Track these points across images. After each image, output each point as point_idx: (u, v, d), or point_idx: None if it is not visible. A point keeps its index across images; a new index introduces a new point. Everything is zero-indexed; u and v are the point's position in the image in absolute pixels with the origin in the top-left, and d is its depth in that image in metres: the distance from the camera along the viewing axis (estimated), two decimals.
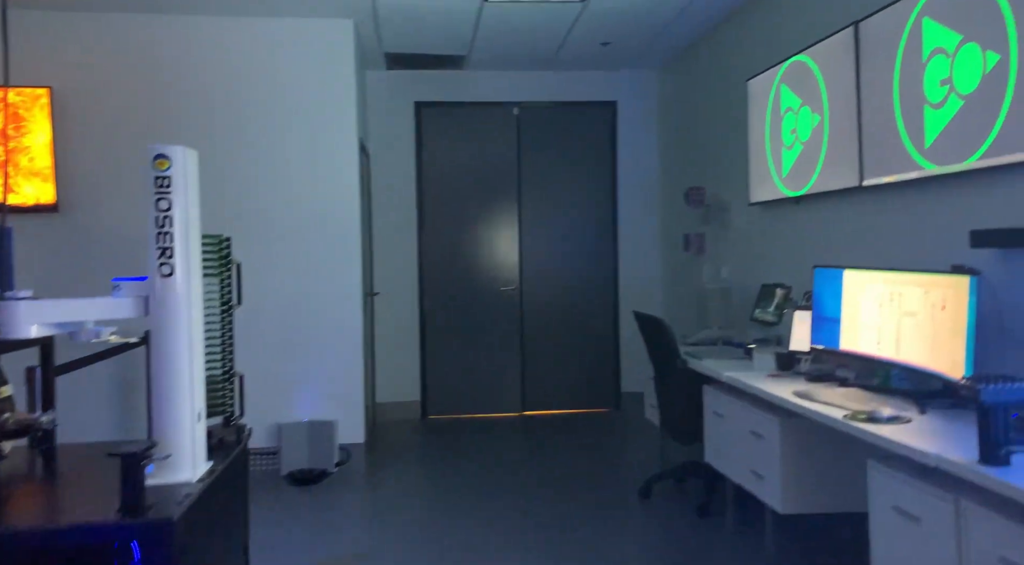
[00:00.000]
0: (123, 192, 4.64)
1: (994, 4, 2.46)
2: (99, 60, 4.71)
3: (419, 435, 5.69)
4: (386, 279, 6.09)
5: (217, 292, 3.03)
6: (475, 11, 4.67)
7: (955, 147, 2.68)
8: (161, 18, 4.74)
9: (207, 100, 4.80)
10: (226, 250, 3.08)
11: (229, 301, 3.08)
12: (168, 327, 2.31)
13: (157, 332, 2.33)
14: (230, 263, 3.11)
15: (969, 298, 2.33)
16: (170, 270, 2.27)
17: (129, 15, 4.70)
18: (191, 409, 2.33)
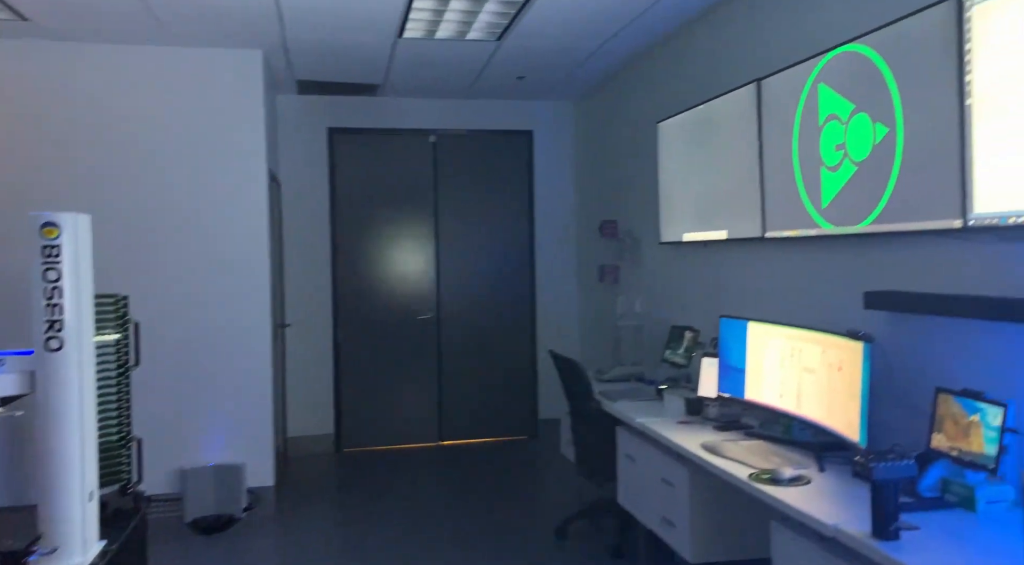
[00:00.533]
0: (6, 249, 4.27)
1: (882, 80, 2.60)
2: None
3: (332, 471, 5.56)
4: (298, 310, 5.94)
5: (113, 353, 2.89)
6: (388, 46, 4.62)
7: (850, 210, 2.81)
8: (51, 45, 4.49)
9: (106, 134, 4.58)
10: (123, 309, 2.94)
11: (126, 362, 2.94)
12: (56, 406, 2.19)
13: (44, 411, 2.21)
14: (127, 323, 2.97)
15: (863, 364, 2.44)
16: (59, 344, 2.16)
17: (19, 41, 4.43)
18: (81, 490, 2.21)
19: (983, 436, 1.97)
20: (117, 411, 2.98)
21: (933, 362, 2.52)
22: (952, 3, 2.26)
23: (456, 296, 6.30)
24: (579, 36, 4.48)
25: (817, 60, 2.94)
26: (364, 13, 3.99)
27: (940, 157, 2.34)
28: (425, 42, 4.52)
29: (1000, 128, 2.11)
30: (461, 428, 6.28)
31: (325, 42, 4.51)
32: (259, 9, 3.89)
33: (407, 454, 5.95)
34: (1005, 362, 2.24)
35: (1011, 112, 2.07)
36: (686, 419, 3.40)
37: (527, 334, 6.42)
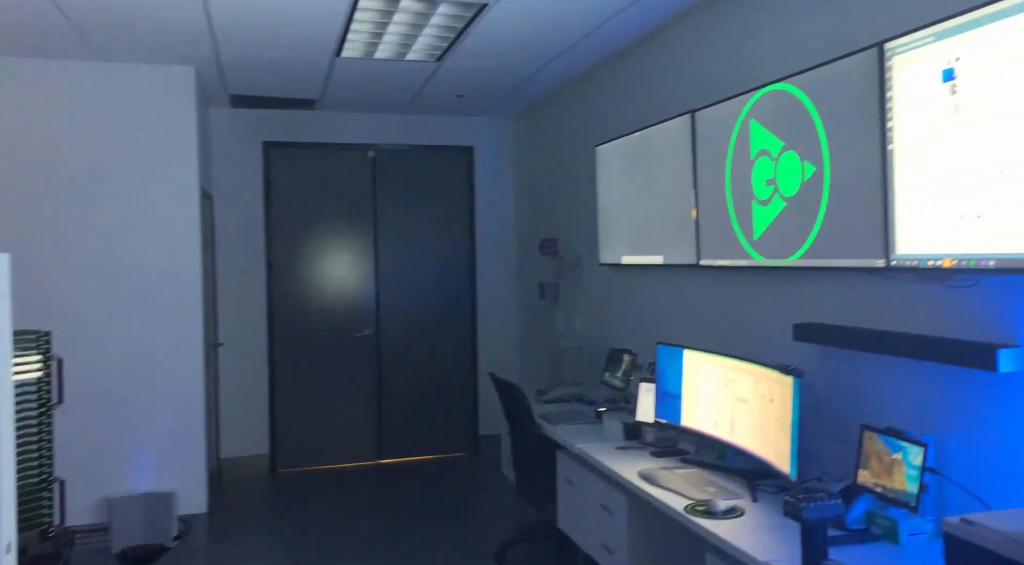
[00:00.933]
0: None
1: (810, 120, 2.68)
2: None
3: (267, 494, 5.44)
4: (232, 328, 5.80)
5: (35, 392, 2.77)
6: (326, 64, 4.56)
7: (780, 243, 2.89)
8: None
9: (26, 151, 4.40)
10: (45, 346, 2.82)
11: (48, 400, 2.82)
12: None
13: None
14: (50, 360, 2.86)
15: (793, 398, 2.51)
16: None
17: None
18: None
19: (905, 474, 2.05)
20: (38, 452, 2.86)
21: (860, 396, 2.61)
22: (874, 51, 2.36)
23: (396, 312, 6.24)
24: (519, 59, 4.50)
25: (749, 96, 3.03)
26: (300, 33, 3.93)
27: (865, 198, 2.43)
28: (364, 61, 4.48)
29: (918, 175, 2.21)
30: (401, 446, 6.23)
31: (260, 59, 4.42)
32: (190, 26, 3.79)
33: (345, 474, 5.86)
34: (925, 399, 2.34)
35: (928, 160, 2.17)
36: (624, 444, 3.45)
37: (468, 350, 6.40)
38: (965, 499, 2.13)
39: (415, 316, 6.28)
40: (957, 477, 2.18)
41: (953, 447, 2.22)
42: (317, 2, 3.46)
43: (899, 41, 2.26)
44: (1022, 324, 2.02)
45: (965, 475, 2.17)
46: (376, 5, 3.51)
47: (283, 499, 5.29)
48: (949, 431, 2.24)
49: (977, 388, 2.16)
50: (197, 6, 3.48)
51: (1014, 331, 2.03)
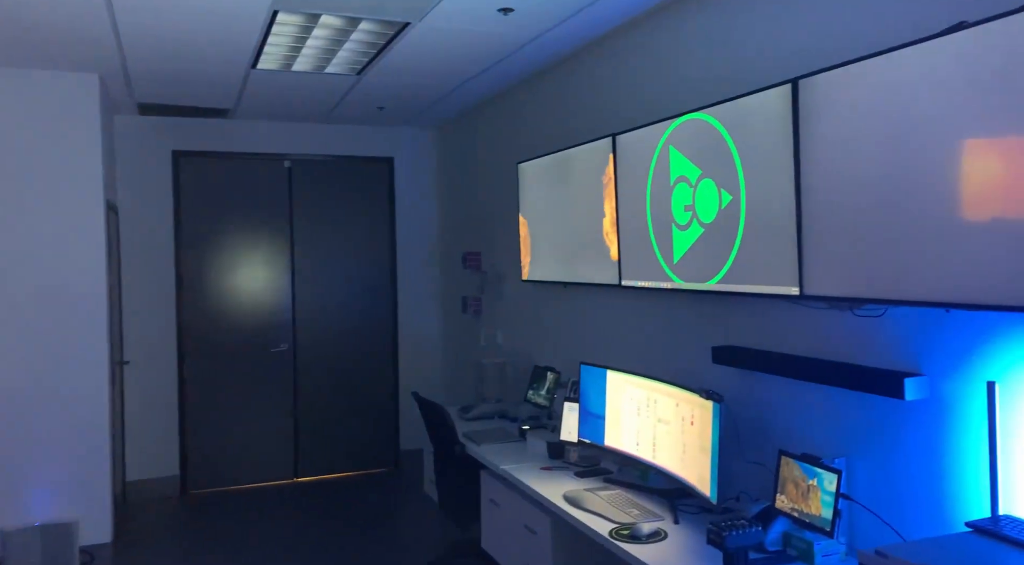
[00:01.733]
0: None
1: (727, 150, 2.76)
2: None
3: (178, 517, 5.21)
4: (139, 345, 5.54)
5: None
6: (241, 76, 4.41)
7: (699, 267, 2.96)
8: None
9: None
10: None
11: None
12: None
13: None
14: None
15: (713, 422, 2.58)
16: None
17: None
18: None
19: (820, 500, 2.13)
20: None
21: (777, 419, 2.70)
22: (787, 87, 2.44)
23: (314, 326, 6.09)
24: (441, 75, 4.47)
25: (668, 123, 3.09)
26: (214, 44, 3.78)
27: (779, 228, 2.51)
28: (281, 74, 4.36)
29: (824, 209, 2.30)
30: (319, 463, 6.08)
31: (170, 69, 4.24)
32: (94, 34, 3.60)
33: (260, 493, 5.68)
34: (838, 425, 2.44)
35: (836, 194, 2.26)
36: (548, 464, 3.46)
37: (389, 364, 6.31)
38: (875, 523, 2.23)
39: (334, 330, 6.15)
40: (867, 502, 2.28)
41: (863, 472, 2.32)
42: (232, 15, 3.34)
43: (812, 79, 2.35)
44: (927, 354, 2.12)
45: (875, 500, 2.28)
46: (295, 20, 3.42)
47: (194, 523, 5.08)
48: (860, 456, 2.34)
49: (885, 415, 2.26)
50: (101, 14, 3.30)
51: (919, 360, 2.14)
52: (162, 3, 3.19)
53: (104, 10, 3.25)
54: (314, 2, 3.20)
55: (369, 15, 3.37)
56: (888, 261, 2.09)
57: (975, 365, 1.99)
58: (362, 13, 3.34)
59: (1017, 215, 1.76)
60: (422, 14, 3.36)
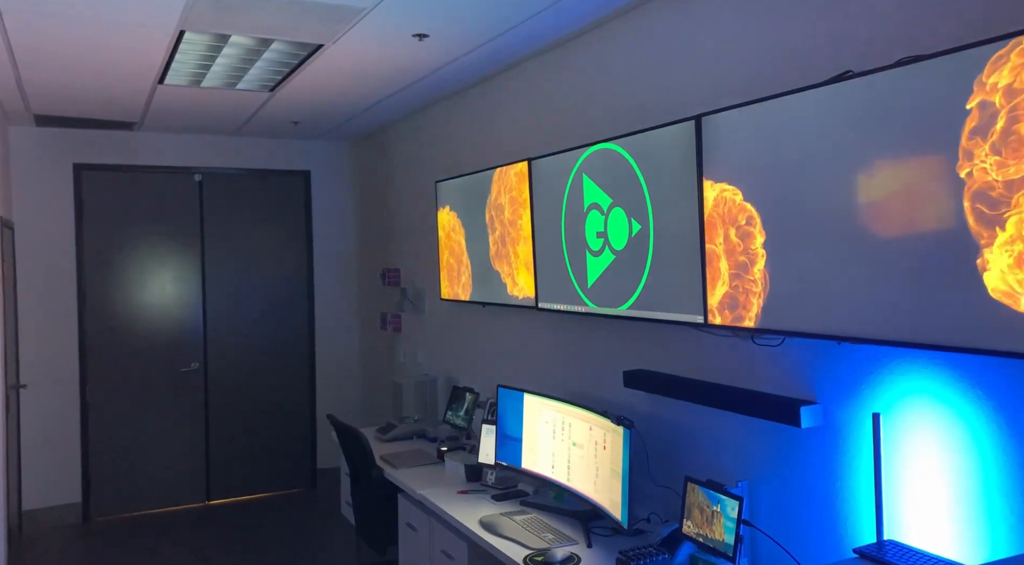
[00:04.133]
0: None
1: (636, 180, 2.84)
2: None
3: (79, 547, 4.97)
4: (37, 368, 5.28)
5: None
6: (147, 91, 4.26)
7: (611, 293, 3.03)
8: None
9: None
10: None
11: None
12: None
13: None
14: None
15: (623, 448, 2.64)
16: None
17: None
18: None
19: (723, 525, 2.21)
20: None
21: (684, 443, 2.79)
22: (691, 123, 2.53)
23: (226, 344, 5.93)
24: (356, 94, 4.43)
25: (581, 152, 3.15)
26: (117, 61, 3.64)
27: (685, 257, 2.60)
28: (190, 89, 4.23)
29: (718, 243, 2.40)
30: (233, 484, 5.91)
31: (69, 83, 4.06)
32: None
33: (169, 518, 5.48)
34: (740, 450, 2.54)
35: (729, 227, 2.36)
36: (466, 487, 3.47)
37: (305, 382, 6.20)
38: (774, 549, 2.33)
39: (248, 347, 6.00)
40: (767, 527, 2.38)
41: (764, 498, 2.43)
42: (136, 33, 3.22)
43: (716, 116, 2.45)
44: (821, 383, 2.24)
45: (774, 526, 2.38)
46: (203, 39, 3.33)
47: (98, 552, 4.86)
48: (761, 482, 2.44)
49: (783, 442, 2.37)
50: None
51: (815, 389, 2.25)
52: (58, 18, 3.05)
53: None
54: (223, 24, 3.13)
55: (281, 37, 3.31)
56: (782, 294, 2.19)
57: (863, 396, 2.11)
58: (274, 34, 3.28)
59: (896, 253, 1.87)
60: (335, 37, 3.33)
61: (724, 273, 2.42)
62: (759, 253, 2.27)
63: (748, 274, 2.32)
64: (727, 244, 2.39)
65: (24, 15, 3.01)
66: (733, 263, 2.38)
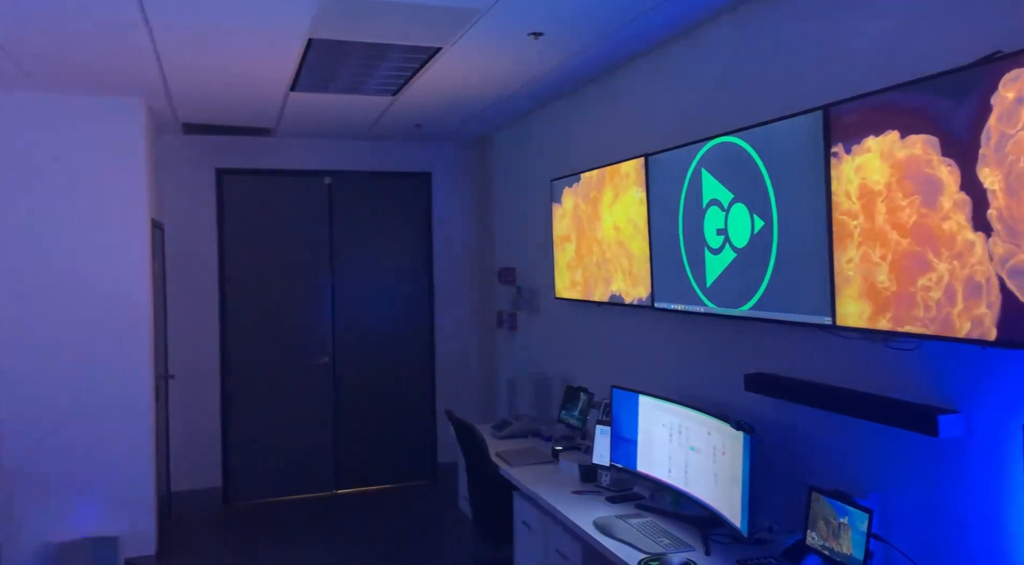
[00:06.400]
0: None
1: (759, 175, 2.72)
2: None
3: (220, 529, 5.32)
4: (184, 359, 5.68)
5: None
6: (280, 99, 4.50)
7: (731, 293, 2.92)
8: None
9: None
10: None
11: None
12: None
13: None
14: None
15: (743, 454, 2.54)
16: None
17: None
18: None
19: (851, 539, 2.08)
20: None
21: (809, 450, 2.65)
22: (819, 114, 2.40)
23: (353, 340, 6.18)
24: (474, 95, 4.49)
25: (700, 146, 3.06)
26: (253, 71, 3.87)
27: (812, 257, 2.47)
28: (319, 96, 4.43)
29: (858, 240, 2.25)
30: (358, 475, 6.15)
31: (211, 93, 4.34)
32: (137, 60, 3.70)
33: (301, 505, 5.77)
34: (871, 459, 2.38)
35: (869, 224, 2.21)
36: (580, 488, 3.44)
37: (426, 377, 6.36)
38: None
39: (373, 343, 6.23)
40: (901, 542, 2.22)
41: (897, 511, 2.26)
42: (270, 43, 3.41)
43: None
44: (963, 390, 2.06)
45: (908, 541, 2.21)
46: (330, 46, 3.47)
47: (236, 535, 5.18)
48: (894, 494, 2.28)
49: (919, 453, 2.20)
50: (144, 43, 3.40)
51: (956, 397, 2.07)
52: (201, 33, 3.27)
53: (147, 39, 3.35)
54: (348, 31, 3.25)
55: (401, 41, 3.41)
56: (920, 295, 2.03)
57: (1014, 405, 1.92)
58: (394, 40, 3.38)
59: None
60: (453, 40, 3.39)
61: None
62: None
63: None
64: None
65: (171, 32, 3.24)
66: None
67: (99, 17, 3.04)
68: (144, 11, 2.97)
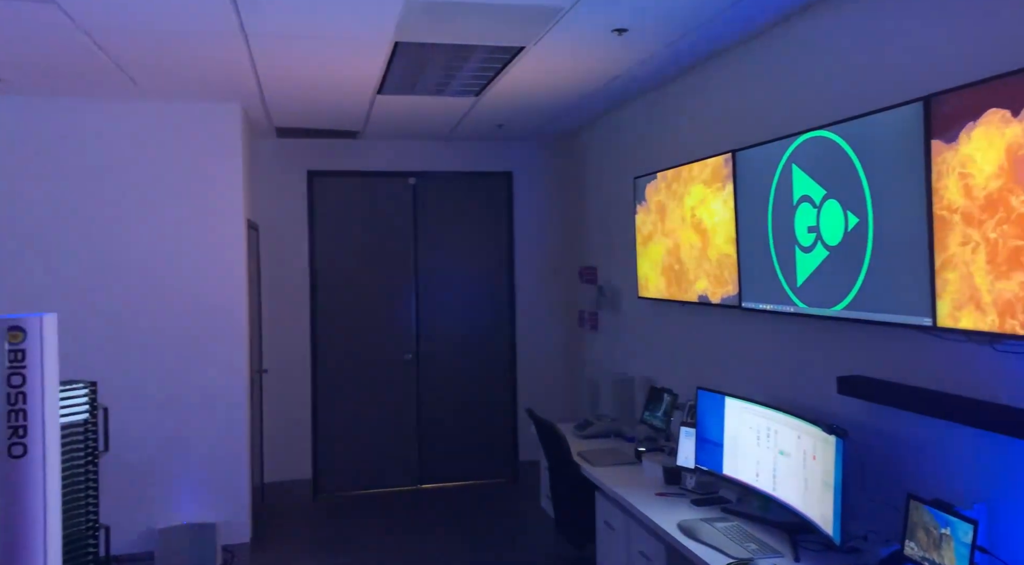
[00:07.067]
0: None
1: (853, 170, 2.62)
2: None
3: (310, 519, 5.49)
4: (276, 354, 5.90)
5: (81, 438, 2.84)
6: (367, 102, 4.61)
7: (824, 292, 2.82)
8: (29, 101, 4.45)
9: (83, 187, 4.56)
10: (92, 396, 2.90)
11: (94, 450, 2.90)
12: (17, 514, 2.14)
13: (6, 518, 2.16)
14: (96, 409, 2.93)
15: (836, 459, 2.45)
16: (22, 450, 2.11)
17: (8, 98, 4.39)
18: None
19: (954, 551, 1.98)
20: (85, 499, 2.94)
21: (907, 457, 2.53)
22: (919, 105, 2.29)
23: (436, 337, 6.27)
24: (556, 93, 4.49)
25: (791, 141, 2.97)
26: (342, 77, 3.98)
27: (911, 255, 2.36)
28: (404, 98, 4.52)
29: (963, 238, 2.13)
30: (441, 471, 6.24)
31: (303, 98, 4.49)
32: (234, 68, 3.87)
33: (386, 498, 5.90)
34: (975, 467, 2.26)
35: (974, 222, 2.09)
36: (664, 490, 3.40)
37: (507, 375, 6.40)
38: None
39: (455, 340, 6.31)
40: (1009, 557, 2.09)
41: (1004, 522, 2.13)
42: (357, 48, 3.50)
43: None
44: None
45: (1018, 554, 2.08)
46: (415, 49, 3.54)
47: (326, 525, 5.34)
48: (1001, 505, 2.15)
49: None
50: (241, 51, 3.55)
51: None
52: (294, 41, 3.39)
53: (244, 48, 3.49)
54: (433, 33, 3.30)
55: (485, 42, 3.44)
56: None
57: None
58: (477, 40, 3.41)
59: None
60: (536, 39, 3.40)
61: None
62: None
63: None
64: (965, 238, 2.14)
65: (266, 40, 3.37)
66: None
67: (200, 28, 3.20)
68: (242, 21, 3.10)
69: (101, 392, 3.39)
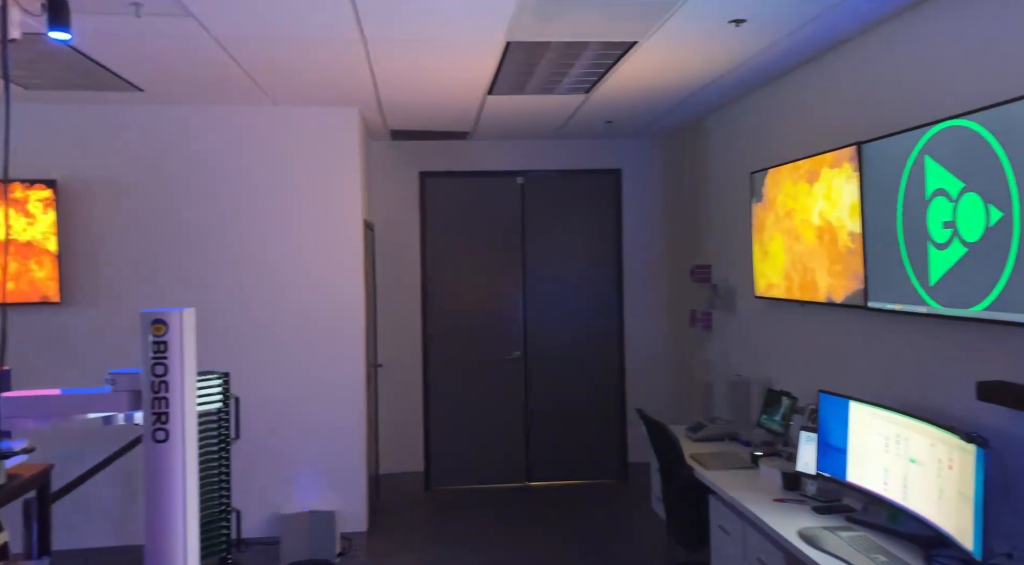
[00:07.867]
0: (126, 284, 4.69)
1: (996, 161, 2.44)
2: (111, 152, 4.74)
3: (423, 512, 5.63)
4: (390, 349, 6.08)
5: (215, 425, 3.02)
6: (478, 103, 4.68)
7: (961, 291, 2.64)
8: (166, 109, 4.77)
9: (215, 189, 4.84)
10: (224, 386, 3.07)
11: (227, 437, 3.07)
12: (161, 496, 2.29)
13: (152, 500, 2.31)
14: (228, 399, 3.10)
15: (976, 468, 2.29)
16: (165, 435, 2.26)
17: (140, 106, 4.73)
18: None
19: None
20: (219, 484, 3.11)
21: None
22: None
23: (544, 335, 6.30)
24: (669, 88, 4.41)
25: (923, 131, 2.80)
26: (454, 79, 4.06)
27: None
28: (514, 97, 4.56)
29: None
30: (549, 469, 6.26)
31: (417, 101, 4.61)
32: (354, 75, 4.02)
33: (496, 494, 5.97)
34: None
35: None
36: (783, 496, 3.28)
37: (615, 374, 6.34)
38: None
39: (563, 339, 6.31)
40: None
41: None
42: (470, 49, 3.56)
43: None
44: None
45: None
46: (526, 48, 3.56)
47: (438, 517, 5.46)
48: None
49: None
50: (360, 57, 3.68)
51: None
52: (408, 45, 3.48)
53: (362, 53, 3.62)
54: (545, 31, 3.31)
55: (597, 38, 3.42)
56: None
57: None
58: (589, 37, 3.40)
59: None
60: (649, 33, 3.35)
61: None
62: None
63: None
64: None
65: (383, 45, 3.48)
66: None
67: (323, 36, 3.34)
68: (361, 27, 3.22)
69: (231, 383, 3.61)
